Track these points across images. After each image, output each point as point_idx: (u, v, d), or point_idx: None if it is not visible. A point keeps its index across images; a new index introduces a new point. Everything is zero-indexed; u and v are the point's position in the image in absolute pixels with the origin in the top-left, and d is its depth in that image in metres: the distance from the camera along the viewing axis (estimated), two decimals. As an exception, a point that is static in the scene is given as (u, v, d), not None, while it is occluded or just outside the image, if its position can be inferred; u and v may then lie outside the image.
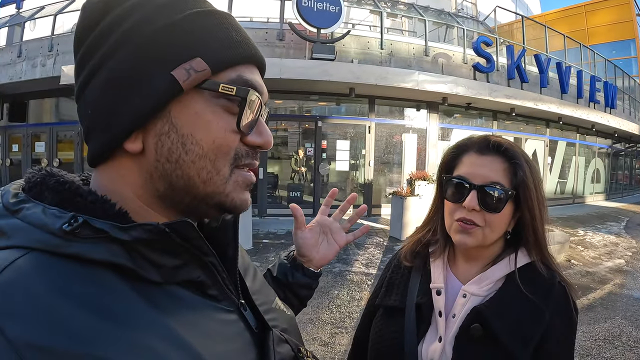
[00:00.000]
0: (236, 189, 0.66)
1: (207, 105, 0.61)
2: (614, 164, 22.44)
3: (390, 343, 1.24)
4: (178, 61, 0.59)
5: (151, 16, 0.60)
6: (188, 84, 0.58)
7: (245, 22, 13.18)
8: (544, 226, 1.20)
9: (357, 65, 11.45)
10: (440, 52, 13.55)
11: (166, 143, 0.60)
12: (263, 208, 11.92)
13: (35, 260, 0.50)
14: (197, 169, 0.61)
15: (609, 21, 26.79)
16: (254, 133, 0.67)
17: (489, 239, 1.18)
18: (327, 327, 4.92)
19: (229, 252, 0.74)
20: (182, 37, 0.60)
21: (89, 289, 0.51)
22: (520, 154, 1.18)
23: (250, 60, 0.67)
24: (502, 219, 1.17)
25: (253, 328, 0.72)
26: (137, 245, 0.56)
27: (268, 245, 8.68)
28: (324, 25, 11.26)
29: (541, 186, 1.21)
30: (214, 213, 0.68)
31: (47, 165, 5.25)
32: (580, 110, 15.52)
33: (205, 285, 0.65)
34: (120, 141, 0.60)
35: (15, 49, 13.05)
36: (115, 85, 0.59)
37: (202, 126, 0.60)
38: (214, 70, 0.60)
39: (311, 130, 12.67)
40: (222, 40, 0.63)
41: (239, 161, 0.65)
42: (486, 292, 1.18)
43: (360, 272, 7.00)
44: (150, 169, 0.61)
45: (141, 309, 0.54)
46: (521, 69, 13.84)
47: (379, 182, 13.11)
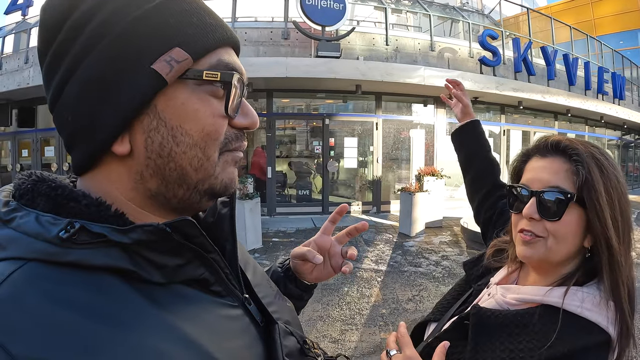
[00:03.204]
0: (225, 169, 0.65)
1: (192, 94, 0.59)
2: (623, 156, 22.28)
3: (442, 302, 1.32)
4: (157, 53, 0.56)
5: (121, 9, 0.56)
6: (172, 76, 0.57)
7: (250, 22, 13.22)
8: (626, 247, 1.00)
9: (363, 62, 11.40)
10: (446, 46, 13.50)
11: (156, 138, 0.58)
12: (272, 207, 11.94)
13: (32, 271, 0.49)
14: (189, 159, 0.60)
15: (615, 11, 26.53)
16: (240, 115, 0.66)
17: (556, 253, 1.02)
18: (337, 324, 4.93)
19: (227, 247, 0.73)
20: (157, 27, 0.57)
21: (90, 297, 0.50)
22: (583, 150, 1.01)
23: (227, 43, 0.65)
24: (567, 227, 1.00)
25: (258, 322, 0.72)
26: (137, 247, 0.55)
27: (278, 244, 8.71)
28: (329, 23, 11.23)
29: (619, 191, 1.00)
30: (206, 201, 0.67)
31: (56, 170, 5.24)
32: (589, 101, 15.39)
33: (208, 282, 0.64)
34: (108, 145, 0.58)
35: (22, 56, 13.14)
36: (93, 87, 0.56)
37: (190, 116, 0.59)
38: (194, 58, 0.59)
39: (319, 128, 12.66)
40: (197, 25, 0.60)
41: (229, 145, 0.65)
42: (506, 304, 1.06)
43: (370, 269, 7.00)
44: (140, 168, 0.60)
45: (146, 311, 0.54)
46: (528, 61, 13.74)
47: (388, 178, 13.08)
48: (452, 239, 9.25)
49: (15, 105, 13.56)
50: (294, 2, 11.26)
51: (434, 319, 1.29)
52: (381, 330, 4.77)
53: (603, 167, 1.00)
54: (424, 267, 7.12)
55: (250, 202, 8.23)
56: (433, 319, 1.29)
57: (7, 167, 15.26)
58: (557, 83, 14.89)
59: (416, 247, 8.52)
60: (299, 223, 10.84)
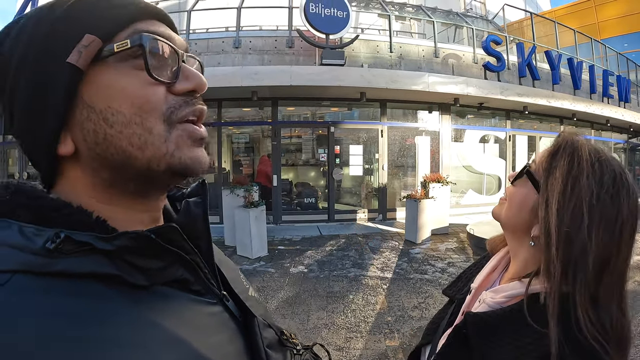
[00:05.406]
0: (182, 147, 0.63)
1: (116, 73, 0.59)
2: (630, 159, 22.11)
3: (430, 325, 1.32)
4: (70, 47, 0.57)
5: (39, 24, 0.59)
6: (82, 61, 0.57)
7: (255, 31, 13.28)
8: (565, 237, 0.92)
9: (367, 70, 11.44)
10: (450, 52, 13.51)
11: (89, 126, 0.58)
12: (278, 215, 11.96)
13: (19, 284, 0.49)
14: (127, 137, 0.59)
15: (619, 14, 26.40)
16: (182, 80, 0.64)
17: (508, 218, 1.09)
18: (342, 331, 4.93)
19: (202, 246, 0.73)
20: (68, 26, 0.58)
21: (78, 304, 0.50)
22: (564, 146, 1.01)
23: (145, 15, 0.63)
24: (517, 194, 1.07)
25: (237, 317, 0.73)
26: (121, 253, 0.56)
27: (283, 252, 8.71)
28: (333, 31, 11.30)
29: (592, 194, 0.92)
30: (173, 181, 0.67)
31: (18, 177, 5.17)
32: (594, 105, 15.31)
33: (188, 282, 0.65)
34: (52, 148, 0.59)
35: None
36: (27, 101, 0.58)
37: (117, 94, 0.58)
38: (105, 38, 0.58)
39: (324, 136, 12.69)
40: (104, 9, 0.60)
41: (177, 113, 0.62)
42: (498, 305, 1.06)
43: (376, 277, 6.99)
44: (89, 162, 0.60)
45: (131, 313, 0.55)
46: (532, 66, 13.71)
47: (393, 185, 13.07)
48: (459, 245, 9.22)
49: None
50: (298, 10, 11.35)
51: (426, 342, 1.29)
52: (386, 338, 4.76)
53: (578, 161, 0.97)
54: (430, 274, 7.11)
55: (255, 210, 8.27)
56: (425, 342, 1.29)
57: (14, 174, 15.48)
58: (562, 87, 14.85)
59: (422, 254, 8.50)
60: (305, 231, 10.84)
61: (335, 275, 7.07)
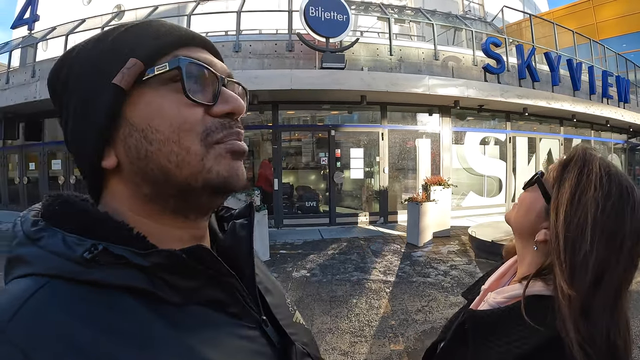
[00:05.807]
0: (220, 161, 0.64)
1: (155, 94, 0.62)
2: (630, 159, 22.12)
3: (447, 324, 1.33)
4: (116, 71, 0.61)
5: (91, 51, 0.65)
6: (125, 82, 0.60)
7: (255, 35, 13.31)
8: (571, 245, 0.94)
9: (367, 73, 11.47)
10: (450, 55, 13.54)
11: (132, 143, 0.61)
12: (279, 219, 11.96)
13: (56, 288, 0.52)
14: (166, 155, 0.61)
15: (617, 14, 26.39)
16: (220, 102, 0.66)
17: (517, 222, 1.14)
18: (347, 336, 4.91)
19: (245, 270, 0.73)
20: (115, 52, 0.63)
21: (110, 314, 0.52)
22: (576, 159, 1.04)
23: (187, 42, 0.67)
24: (527, 200, 1.12)
25: (275, 344, 0.72)
26: (156, 270, 0.57)
27: (285, 256, 8.71)
28: (333, 35, 11.34)
29: (585, 199, 0.96)
30: (210, 198, 0.68)
31: (63, 183, 5.36)
32: (594, 106, 15.34)
33: (225, 303, 0.65)
34: (97, 162, 0.63)
35: (29, 70, 13.34)
36: (77, 119, 0.63)
37: (156, 114, 0.61)
38: (148, 62, 0.62)
39: (325, 140, 12.70)
40: (150, 37, 0.64)
41: (214, 135, 0.64)
42: (498, 304, 1.10)
43: (379, 280, 6.99)
44: (131, 176, 0.63)
45: (162, 331, 0.55)
46: (532, 68, 13.75)
47: (394, 188, 13.08)
48: (461, 248, 9.23)
49: (22, 119, 13.72)
50: (298, 14, 11.38)
51: (442, 338, 1.32)
52: (390, 341, 4.75)
53: (588, 174, 0.99)
54: (433, 277, 7.10)
55: (257, 215, 8.23)
56: (441, 338, 1.33)
57: (14, 179, 15.51)
58: (561, 88, 14.87)
59: (424, 257, 8.50)
60: (306, 235, 10.84)
61: (337, 279, 7.06)
